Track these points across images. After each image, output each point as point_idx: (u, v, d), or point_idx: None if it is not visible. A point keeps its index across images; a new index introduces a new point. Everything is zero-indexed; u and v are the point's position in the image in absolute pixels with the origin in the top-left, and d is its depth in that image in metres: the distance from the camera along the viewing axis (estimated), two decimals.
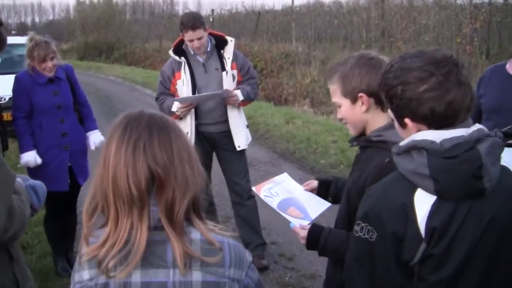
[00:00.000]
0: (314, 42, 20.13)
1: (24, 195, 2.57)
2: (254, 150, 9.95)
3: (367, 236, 1.96)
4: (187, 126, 5.39)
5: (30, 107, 5.19)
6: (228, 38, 5.58)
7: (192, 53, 5.48)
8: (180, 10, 49.11)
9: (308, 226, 2.75)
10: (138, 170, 1.70)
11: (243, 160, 5.79)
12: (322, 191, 3.16)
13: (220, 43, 5.54)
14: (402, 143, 1.99)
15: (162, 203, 1.72)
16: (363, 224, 1.98)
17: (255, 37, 23.05)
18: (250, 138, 5.82)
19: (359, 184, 2.45)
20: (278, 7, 25.28)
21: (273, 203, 3.01)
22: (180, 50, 5.51)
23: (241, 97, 5.44)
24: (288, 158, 9.98)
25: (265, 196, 3.08)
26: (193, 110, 5.45)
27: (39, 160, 5.15)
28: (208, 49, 5.49)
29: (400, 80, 1.97)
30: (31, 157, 5.14)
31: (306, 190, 3.17)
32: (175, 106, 5.34)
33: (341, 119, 2.69)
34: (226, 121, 5.53)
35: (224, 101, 5.42)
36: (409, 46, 14.56)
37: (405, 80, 1.96)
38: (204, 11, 33.51)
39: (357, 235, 2.01)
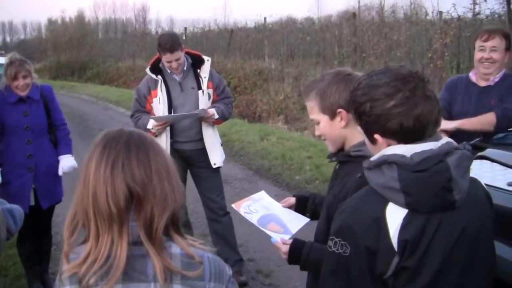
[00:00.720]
0: (287, 58, 20.20)
1: (0, 217, 2.56)
2: (229, 167, 9.95)
3: (340, 251, 1.97)
4: (162, 144, 5.33)
5: (1, 126, 5.15)
6: (205, 57, 5.61)
7: (169, 71, 5.49)
8: (153, 28, 48.98)
9: (290, 241, 2.75)
10: (117, 188, 1.72)
11: (218, 177, 5.80)
12: (300, 207, 3.16)
13: (197, 62, 5.57)
14: (372, 158, 2.02)
15: (141, 220, 1.74)
16: (336, 239, 2.00)
17: (228, 54, 23.10)
18: (224, 156, 5.84)
19: (340, 199, 2.46)
20: (251, 24, 25.35)
21: (253, 219, 3.02)
22: (156, 68, 5.52)
23: (216, 116, 5.46)
24: (264, 174, 10.00)
25: (244, 212, 3.08)
26: (168, 128, 5.47)
27: None
28: (185, 68, 5.50)
29: (368, 97, 2.00)
30: None
31: (284, 206, 3.17)
32: (151, 124, 5.34)
33: (319, 136, 2.71)
34: (201, 139, 5.55)
35: (200, 119, 5.44)
36: (381, 61, 14.69)
37: (372, 97, 1.99)
38: (177, 29, 33.53)
39: (330, 250, 2.02)
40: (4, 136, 5.22)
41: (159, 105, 5.47)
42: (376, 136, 2.03)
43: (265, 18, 22.10)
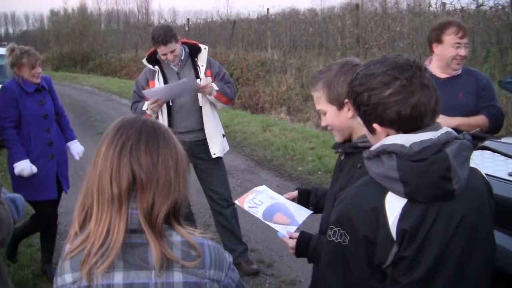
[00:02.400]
0: (290, 50, 20.14)
1: (6, 205, 2.58)
2: (232, 158, 9.97)
3: (340, 240, 1.98)
4: None
5: (19, 117, 5.19)
6: (202, 46, 5.59)
7: (166, 62, 5.49)
8: (155, 19, 49.00)
9: (296, 235, 2.75)
10: (121, 169, 1.75)
11: (220, 169, 5.77)
12: (303, 200, 3.16)
13: (194, 51, 5.55)
14: (372, 148, 2.03)
15: (142, 206, 1.75)
16: (335, 229, 2.01)
17: (230, 45, 23.05)
18: (227, 148, 5.81)
19: None
20: (253, 15, 25.25)
21: (258, 213, 3.00)
22: (154, 59, 5.52)
23: (215, 87, 5.41)
24: (266, 165, 10.01)
25: (249, 207, 3.07)
26: (166, 118, 5.45)
27: (34, 169, 5.19)
28: (182, 58, 5.50)
29: (366, 86, 2.01)
30: (26, 166, 5.16)
31: (287, 198, 3.17)
32: (145, 104, 5.33)
33: (325, 127, 2.70)
34: (201, 129, 5.52)
35: (198, 91, 5.36)
36: (384, 53, 14.64)
37: (370, 86, 2.00)
38: (180, 21, 33.54)
39: (330, 239, 2.03)
40: (22, 128, 5.25)
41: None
42: (375, 125, 2.04)
43: (268, 9, 22.04)
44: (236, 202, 3.21)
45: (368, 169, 2.02)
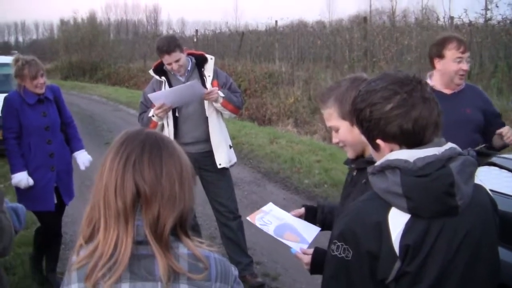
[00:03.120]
0: (297, 62, 20.20)
1: (8, 214, 2.60)
2: (238, 170, 9.97)
3: (343, 255, 1.98)
4: None
5: (20, 128, 5.21)
6: (208, 56, 5.59)
7: (173, 72, 5.50)
8: (164, 30, 49.16)
9: (310, 251, 2.74)
10: (125, 184, 1.76)
11: (227, 180, 5.74)
12: (309, 217, 3.15)
13: (201, 62, 5.55)
14: (377, 163, 2.04)
15: (148, 219, 1.76)
16: (339, 243, 2.01)
17: (238, 57, 23.12)
18: (234, 159, 5.76)
19: None
20: (262, 27, 25.34)
21: (269, 230, 3.01)
22: (161, 69, 5.53)
23: (221, 94, 5.38)
24: (272, 178, 10.01)
25: (260, 225, 3.07)
26: (172, 129, 5.43)
27: (31, 181, 5.19)
28: (189, 68, 5.51)
29: (367, 102, 2.02)
30: (23, 178, 5.17)
31: (294, 216, 3.16)
32: (151, 111, 5.33)
33: (337, 143, 2.69)
34: (207, 140, 5.50)
35: (204, 98, 5.34)
36: (392, 66, 14.68)
37: (371, 101, 2.01)
38: (188, 31, 33.64)
39: (333, 254, 2.03)
40: (23, 138, 5.27)
41: None
42: (378, 141, 2.04)
43: (276, 21, 22.11)
44: (248, 218, 3.21)
45: (372, 184, 2.03)
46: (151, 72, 5.61)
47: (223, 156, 5.54)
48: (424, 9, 25.36)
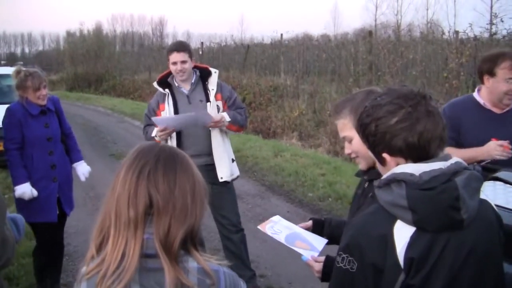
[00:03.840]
0: (302, 75, 20.22)
1: (8, 225, 2.60)
2: (243, 183, 9.96)
3: (348, 267, 1.99)
4: None
5: (22, 139, 5.22)
6: (212, 69, 5.60)
7: (177, 85, 5.52)
8: (169, 42, 49.33)
9: (322, 258, 2.74)
10: (139, 193, 1.78)
11: (230, 193, 5.72)
12: (316, 230, 3.16)
13: (205, 75, 5.57)
14: (383, 177, 2.05)
15: (159, 230, 1.77)
16: (344, 255, 2.02)
17: (244, 70, 23.16)
18: (236, 173, 5.75)
19: None
20: (267, 40, 25.42)
21: (281, 238, 3.03)
22: (165, 82, 5.56)
23: (227, 118, 5.41)
24: (277, 191, 10.00)
25: (271, 233, 3.09)
26: (175, 141, 5.44)
27: (35, 193, 5.19)
28: (193, 81, 5.54)
29: (373, 117, 2.05)
30: (27, 189, 5.17)
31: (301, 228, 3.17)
32: (154, 131, 5.35)
33: (349, 154, 2.70)
34: (210, 153, 5.48)
35: (210, 125, 5.34)
36: (397, 80, 14.67)
37: (376, 116, 2.04)
38: (194, 44, 33.69)
39: (338, 265, 2.04)
40: (25, 149, 5.28)
41: None
42: (384, 155, 2.06)
43: (281, 35, 22.16)
44: (259, 227, 3.22)
45: (378, 197, 2.03)
46: (155, 84, 5.63)
47: (225, 170, 5.53)
48: (429, 23, 25.43)
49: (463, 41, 14.69)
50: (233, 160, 5.72)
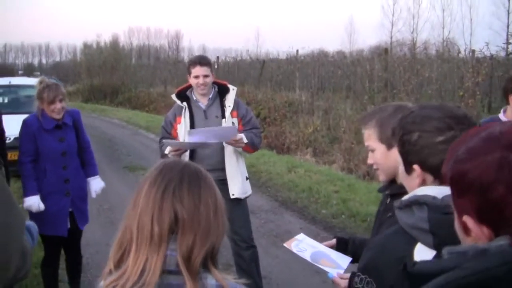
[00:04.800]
0: (317, 91, 20.23)
1: (25, 235, 2.60)
2: (256, 198, 9.94)
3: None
4: None
5: (36, 152, 5.23)
6: (230, 86, 5.64)
7: (195, 98, 5.54)
8: (185, 56, 49.63)
9: (347, 275, 2.71)
10: (164, 210, 1.78)
11: (243, 209, 5.68)
12: (340, 249, 3.16)
13: (223, 91, 5.58)
14: (404, 198, 2.01)
15: (182, 247, 1.76)
16: (362, 276, 2.00)
17: (259, 85, 23.20)
18: (249, 191, 5.73)
19: None
20: (283, 56, 25.49)
21: (306, 256, 3.04)
22: (183, 95, 5.57)
23: (245, 140, 5.39)
24: (290, 207, 9.96)
25: (297, 250, 3.11)
26: (188, 155, 5.43)
27: (42, 206, 5.19)
28: (211, 96, 5.55)
29: (418, 127, 2.01)
30: (34, 202, 5.17)
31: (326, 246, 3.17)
32: (168, 149, 5.35)
33: (371, 164, 2.69)
34: (223, 169, 5.46)
35: (229, 142, 5.34)
36: (412, 98, 14.63)
37: (423, 128, 2.00)
38: (209, 58, 33.84)
39: (355, 286, 2.01)
40: (39, 162, 5.29)
41: (182, 132, 5.47)
42: (415, 167, 2.03)
43: (297, 50, 22.21)
44: (285, 245, 3.22)
45: (398, 219, 2.01)
46: (173, 96, 5.65)
47: (237, 187, 5.51)
48: (445, 41, 25.40)
49: (479, 59, 14.67)
50: (247, 178, 5.71)
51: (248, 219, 5.79)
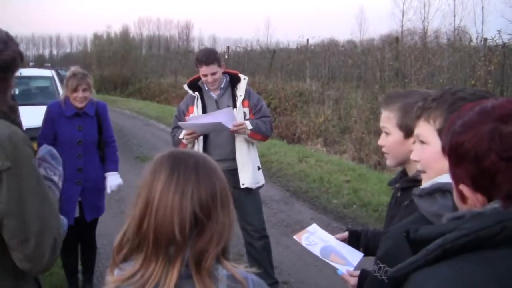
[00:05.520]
0: (328, 81, 20.18)
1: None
2: (267, 188, 9.92)
3: (384, 277, 1.96)
4: None
5: (54, 137, 5.27)
6: (242, 76, 5.63)
7: (207, 88, 5.54)
8: (195, 46, 49.59)
9: (357, 273, 2.69)
10: (184, 215, 1.71)
11: (255, 199, 5.68)
12: (353, 241, 3.11)
13: (234, 81, 5.57)
14: (425, 185, 1.99)
15: (196, 248, 1.73)
16: (381, 265, 1.99)
17: (269, 75, 23.16)
18: (261, 181, 5.73)
19: None
20: (293, 45, 25.48)
21: (315, 250, 3.00)
22: (195, 85, 5.57)
23: (249, 126, 5.37)
24: (301, 197, 9.95)
25: (306, 244, 3.07)
26: (201, 144, 5.45)
27: None
28: (222, 86, 5.54)
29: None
30: None
31: (337, 239, 3.12)
32: (182, 134, 5.37)
33: (381, 146, 2.63)
34: (234, 158, 5.46)
35: (231, 129, 5.28)
36: (423, 87, 14.56)
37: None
38: (220, 48, 33.80)
39: (374, 274, 2.01)
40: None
41: None
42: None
43: (307, 40, 22.14)
44: (295, 237, 3.19)
45: (419, 207, 1.98)
46: (185, 86, 5.66)
47: (248, 177, 5.51)
48: (456, 30, 25.25)
49: (491, 48, 14.54)
50: (258, 168, 5.69)
51: (261, 209, 5.78)
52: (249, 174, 5.51)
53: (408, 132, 2.47)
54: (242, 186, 5.45)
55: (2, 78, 2.33)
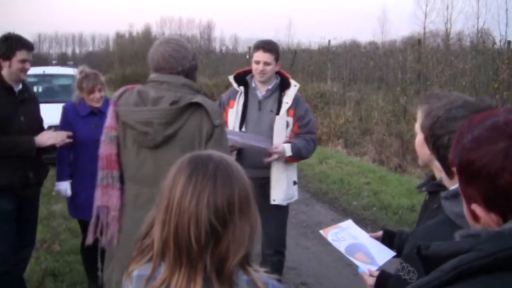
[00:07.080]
0: (349, 82, 20.15)
1: None
2: None
3: (407, 277, 1.96)
4: None
5: (73, 138, 5.30)
6: (293, 82, 5.18)
7: (254, 85, 5.15)
8: (217, 46, 49.64)
9: (376, 273, 2.68)
10: (199, 223, 1.68)
11: (282, 215, 5.28)
12: (387, 242, 3.08)
13: (284, 85, 5.16)
14: (451, 188, 2.00)
15: (215, 256, 1.70)
16: (405, 264, 2.00)
17: (291, 75, 23.10)
18: (295, 197, 5.29)
19: None
20: (314, 46, 25.44)
21: (341, 247, 2.98)
22: (242, 79, 5.21)
23: (288, 153, 4.96)
24: (321, 198, 9.95)
25: (332, 240, 3.04)
26: (235, 151, 4.98)
27: (69, 192, 5.28)
28: (270, 87, 5.13)
29: (446, 130, 2.00)
30: (63, 188, 5.29)
31: (371, 237, 3.11)
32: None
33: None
34: (268, 167, 5.02)
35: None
36: (445, 90, 14.46)
37: (451, 129, 1.99)
38: (241, 48, 33.86)
39: (398, 273, 2.02)
40: (74, 148, 5.37)
41: (232, 117, 5.13)
42: (455, 169, 2.00)
43: (329, 41, 22.12)
44: (321, 231, 3.16)
45: (444, 208, 1.99)
46: (230, 78, 5.27)
47: (280, 193, 5.07)
48: (479, 32, 24.99)
49: None
50: (294, 183, 5.26)
51: (284, 225, 5.39)
52: (282, 191, 5.10)
53: (426, 135, 2.46)
54: (272, 202, 5.06)
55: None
